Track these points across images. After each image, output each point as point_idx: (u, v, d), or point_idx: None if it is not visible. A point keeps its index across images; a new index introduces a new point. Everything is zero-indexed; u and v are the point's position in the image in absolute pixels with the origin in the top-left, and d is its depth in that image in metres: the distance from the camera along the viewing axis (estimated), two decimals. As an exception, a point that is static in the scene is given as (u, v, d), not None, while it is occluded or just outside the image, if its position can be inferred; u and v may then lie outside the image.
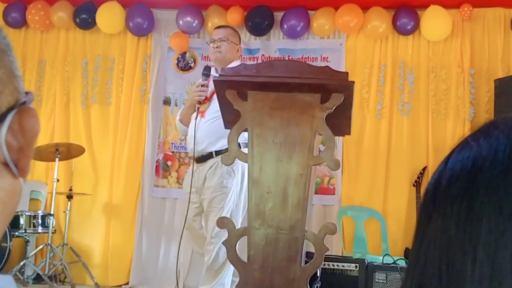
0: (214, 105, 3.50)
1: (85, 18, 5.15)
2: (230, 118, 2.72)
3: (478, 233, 0.49)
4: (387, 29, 4.79)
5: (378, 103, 4.81)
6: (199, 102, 3.63)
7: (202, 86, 3.64)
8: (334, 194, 4.80)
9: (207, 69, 3.73)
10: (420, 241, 0.54)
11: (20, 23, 5.31)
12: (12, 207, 0.59)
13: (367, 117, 4.81)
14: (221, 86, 2.66)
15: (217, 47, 3.76)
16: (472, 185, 0.51)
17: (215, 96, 3.46)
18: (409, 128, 4.77)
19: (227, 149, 3.35)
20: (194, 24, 5.01)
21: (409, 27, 4.74)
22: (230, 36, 3.84)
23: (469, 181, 0.52)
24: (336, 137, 4.57)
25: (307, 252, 2.85)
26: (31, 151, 0.58)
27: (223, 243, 2.69)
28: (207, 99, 3.67)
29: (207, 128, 3.63)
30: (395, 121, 4.79)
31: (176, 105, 5.06)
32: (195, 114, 3.69)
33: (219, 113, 3.41)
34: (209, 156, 3.67)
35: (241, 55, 3.94)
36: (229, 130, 3.30)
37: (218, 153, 3.64)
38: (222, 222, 2.72)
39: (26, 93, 0.60)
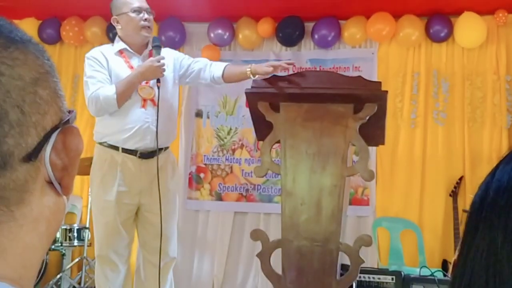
0: (163, 92, 3.10)
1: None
2: (263, 129, 2.71)
3: None
4: (420, 37, 4.73)
5: (412, 112, 4.74)
6: (158, 80, 3.05)
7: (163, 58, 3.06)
8: (368, 205, 4.74)
9: (158, 40, 3.15)
10: (466, 252, 0.54)
11: (55, 39, 5.42)
12: (56, 224, 0.62)
13: (401, 126, 4.74)
14: (253, 98, 2.65)
15: (146, 20, 3.10)
16: None
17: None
18: (444, 137, 4.69)
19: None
20: (225, 37, 5.04)
21: (442, 34, 4.67)
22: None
23: None
24: (370, 147, 4.54)
25: (342, 265, 2.80)
26: (74, 170, 0.61)
27: (257, 255, 2.67)
28: (146, 83, 3.10)
29: (168, 120, 3.14)
30: (429, 130, 4.71)
31: (208, 118, 5.08)
32: (135, 100, 3.07)
33: (169, 102, 3.16)
34: (158, 151, 3.10)
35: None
36: (175, 119, 3.29)
37: (166, 148, 3.17)
38: (256, 235, 2.70)
39: (69, 111, 0.63)
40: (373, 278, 3.55)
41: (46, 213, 0.59)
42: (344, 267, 2.72)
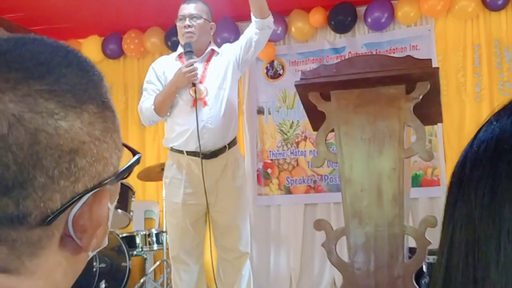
0: (213, 89, 3.16)
1: (176, 41, 5.32)
2: (317, 120, 2.72)
3: (501, 219, 0.47)
4: (476, 8, 4.55)
5: (476, 86, 4.59)
6: (194, 84, 3.11)
7: (192, 65, 3.10)
8: (439, 185, 4.62)
9: (189, 45, 3.16)
10: (446, 227, 0.53)
11: (118, 54, 5.61)
12: (73, 273, 0.62)
13: (465, 101, 4.60)
14: (303, 89, 2.67)
15: (188, 26, 3.16)
16: (495, 168, 0.49)
17: (206, 79, 3.19)
18: (513, 107, 4.50)
19: (234, 139, 3.26)
20: (279, 31, 5.05)
21: (500, 2, 4.47)
22: (203, 13, 3.22)
23: (492, 164, 0.50)
24: (435, 126, 4.44)
25: (410, 248, 2.77)
26: (93, 234, 0.60)
27: (322, 245, 2.69)
28: (200, 83, 3.17)
29: (223, 119, 3.16)
30: (496, 102, 4.53)
31: (270, 113, 5.12)
32: (187, 101, 3.16)
33: (223, 99, 3.19)
34: (222, 150, 3.18)
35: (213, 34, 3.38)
36: (232, 115, 3.30)
37: (230, 145, 3.21)
38: (319, 225, 2.72)
39: (118, 173, 0.63)
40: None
41: (63, 264, 0.60)
42: (413, 251, 2.69)
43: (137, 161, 0.66)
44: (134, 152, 0.68)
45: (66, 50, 0.61)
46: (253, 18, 3.22)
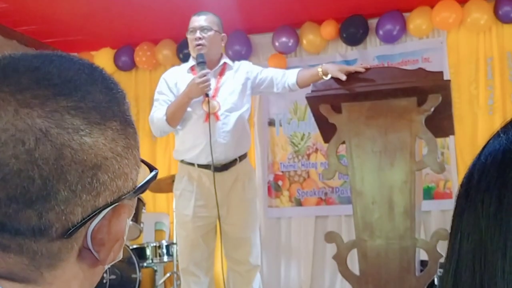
0: (226, 104, 3.17)
1: (188, 53, 5.35)
2: (328, 132, 2.72)
3: (507, 228, 0.48)
4: (489, 20, 4.54)
5: (489, 98, 4.56)
6: (207, 95, 3.07)
7: (205, 75, 3.04)
8: (452, 197, 4.59)
9: (202, 56, 3.12)
10: (454, 237, 0.53)
11: (130, 66, 5.63)
12: (89, 285, 0.64)
13: (478, 114, 4.57)
14: (315, 101, 2.67)
15: (199, 38, 3.15)
16: (502, 179, 0.50)
17: (220, 93, 3.20)
18: (526, 120, 4.46)
19: (245, 153, 3.26)
20: (290, 44, 5.07)
21: (512, 14, 4.49)
22: (213, 24, 3.21)
23: (499, 174, 0.51)
24: (448, 138, 4.41)
25: (422, 261, 2.74)
26: (111, 248, 0.62)
27: (333, 257, 2.68)
28: (213, 97, 3.16)
29: (235, 132, 3.17)
30: (509, 115, 4.45)
31: (281, 125, 5.12)
32: (200, 115, 3.15)
33: (235, 114, 3.19)
34: (233, 163, 3.20)
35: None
36: (244, 129, 3.29)
37: (241, 158, 3.23)
38: (330, 237, 2.71)
39: (137, 188, 0.65)
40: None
41: (80, 276, 0.61)
42: (425, 264, 2.66)
43: (154, 177, 0.68)
44: (151, 168, 0.69)
45: (91, 68, 0.63)
46: (292, 81, 3.25)
